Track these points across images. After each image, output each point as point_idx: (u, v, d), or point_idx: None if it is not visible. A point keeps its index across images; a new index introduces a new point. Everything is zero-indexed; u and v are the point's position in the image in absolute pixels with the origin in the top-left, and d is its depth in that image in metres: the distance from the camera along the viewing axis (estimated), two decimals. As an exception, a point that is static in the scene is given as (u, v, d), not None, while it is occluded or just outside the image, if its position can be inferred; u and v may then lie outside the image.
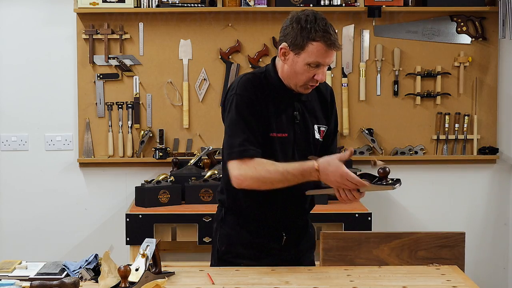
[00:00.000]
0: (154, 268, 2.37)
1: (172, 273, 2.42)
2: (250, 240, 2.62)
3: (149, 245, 2.35)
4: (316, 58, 2.44)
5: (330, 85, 4.44)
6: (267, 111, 2.52)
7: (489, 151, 4.48)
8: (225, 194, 2.63)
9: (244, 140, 2.45)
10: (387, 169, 2.39)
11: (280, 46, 2.50)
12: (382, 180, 2.39)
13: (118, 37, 4.38)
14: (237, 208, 2.63)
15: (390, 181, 2.39)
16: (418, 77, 4.44)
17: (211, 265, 2.69)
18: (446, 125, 4.47)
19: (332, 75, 4.45)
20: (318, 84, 2.54)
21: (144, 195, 4.03)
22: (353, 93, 4.47)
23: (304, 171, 2.40)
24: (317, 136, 2.62)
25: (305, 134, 2.59)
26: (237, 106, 2.48)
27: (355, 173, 2.40)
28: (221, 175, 2.74)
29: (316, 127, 2.62)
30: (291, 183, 2.43)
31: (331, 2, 4.36)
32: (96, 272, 2.39)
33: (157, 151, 4.37)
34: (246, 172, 2.43)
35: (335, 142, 2.73)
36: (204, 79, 4.42)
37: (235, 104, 2.49)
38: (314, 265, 2.76)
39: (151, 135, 4.42)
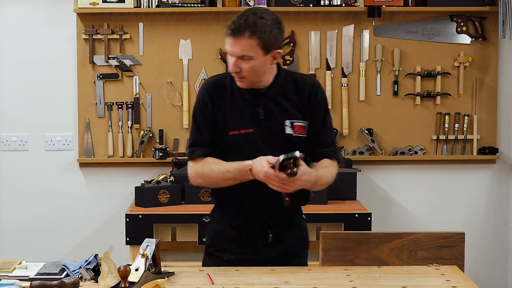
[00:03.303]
0: (154, 268, 2.37)
1: (172, 273, 2.42)
2: (234, 234, 2.66)
3: (149, 245, 2.35)
4: (226, 46, 2.52)
5: (330, 85, 4.48)
6: (226, 112, 2.60)
7: (489, 151, 4.48)
8: (212, 189, 2.73)
9: (193, 142, 2.64)
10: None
11: None
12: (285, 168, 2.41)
13: (118, 37, 4.38)
14: (223, 203, 2.70)
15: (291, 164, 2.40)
16: (418, 77, 4.44)
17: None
18: (446, 125, 4.47)
19: (332, 75, 4.45)
20: (239, 75, 2.54)
21: (144, 195, 4.03)
22: (353, 93, 4.47)
23: (241, 170, 2.51)
24: (288, 131, 2.60)
25: (272, 129, 2.60)
26: (194, 109, 2.68)
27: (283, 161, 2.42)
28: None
29: (288, 122, 2.60)
30: (233, 181, 2.54)
31: (331, 2, 4.36)
32: (96, 272, 2.39)
33: (157, 151, 4.37)
34: (196, 170, 2.61)
35: (326, 135, 2.68)
36: (204, 79, 4.42)
37: (194, 107, 2.68)
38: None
39: (151, 135, 4.42)
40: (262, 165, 2.44)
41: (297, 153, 2.40)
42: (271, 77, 2.61)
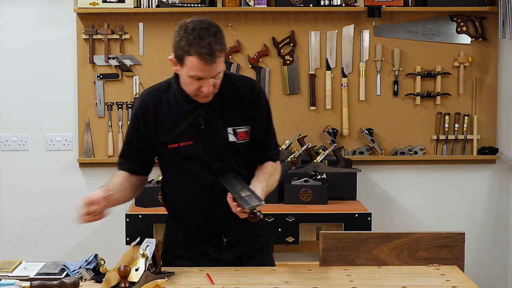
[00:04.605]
0: (154, 268, 2.37)
1: (172, 273, 2.42)
2: (186, 241, 2.63)
3: (149, 245, 2.35)
4: (195, 72, 2.39)
5: (330, 85, 4.48)
6: (164, 124, 2.55)
7: (489, 151, 4.48)
8: (162, 196, 2.76)
9: (121, 154, 2.68)
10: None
11: (169, 57, 2.50)
12: None
13: (118, 37, 4.38)
14: (173, 210, 2.69)
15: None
16: (418, 77, 4.44)
17: None
18: (446, 125, 4.47)
19: (332, 75, 4.45)
20: (209, 95, 2.45)
21: (144, 195, 4.03)
22: (353, 93, 4.47)
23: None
24: (232, 139, 2.55)
25: (215, 138, 2.54)
26: (129, 122, 2.67)
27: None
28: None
29: (231, 130, 2.55)
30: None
31: (331, 2, 4.36)
32: (96, 272, 2.39)
33: (157, 151, 4.37)
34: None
35: (270, 139, 2.65)
36: (204, 79, 4.42)
37: (129, 120, 2.72)
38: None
39: (151, 135, 4.42)
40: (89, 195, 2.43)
41: (263, 203, 2.35)
42: None
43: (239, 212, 2.36)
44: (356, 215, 3.91)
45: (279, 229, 3.85)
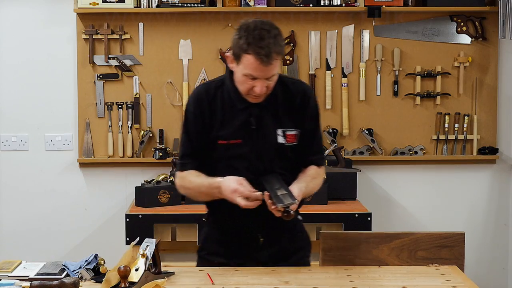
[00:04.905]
0: (154, 268, 2.37)
1: (172, 273, 2.42)
2: (223, 238, 2.65)
3: (149, 245, 2.35)
4: (250, 71, 2.42)
5: (330, 85, 4.49)
6: (216, 121, 2.56)
7: (489, 151, 4.48)
8: None
9: (184, 153, 2.63)
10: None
11: (226, 54, 2.52)
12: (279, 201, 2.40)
13: (118, 37, 4.38)
14: (212, 209, 2.69)
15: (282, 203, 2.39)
16: (418, 77, 4.44)
17: None
18: (446, 125, 4.47)
19: (332, 75, 4.45)
20: (260, 96, 2.48)
21: (144, 195, 4.03)
22: (353, 93, 4.47)
23: (211, 186, 2.50)
24: (280, 140, 2.57)
25: (264, 139, 2.57)
26: (185, 119, 2.63)
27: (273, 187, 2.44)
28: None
29: (280, 131, 2.58)
30: (207, 196, 2.58)
31: (331, 2, 4.36)
32: (96, 272, 2.39)
33: (157, 151, 4.37)
34: (180, 182, 2.64)
35: (316, 143, 2.68)
36: (204, 79, 4.42)
37: (184, 117, 2.65)
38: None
39: (151, 135, 4.42)
40: (229, 185, 2.43)
41: (296, 201, 2.39)
42: None
43: (274, 210, 2.40)
44: (356, 215, 3.91)
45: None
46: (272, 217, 2.44)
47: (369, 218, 3.91)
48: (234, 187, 2.42)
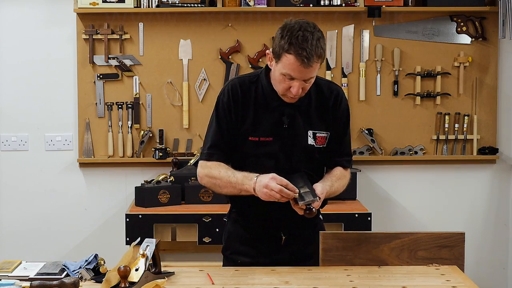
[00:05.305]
0: (154, 268, 2.37)
1: (172, 273, 2.42)
2: (247, 237, 2.67)
3: (149, 245, 2.35)
4: (289, 71, 2.43)
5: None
6: (249, 116, 2.56)
7: (489, 151, 4.48)
8: None
9: (213, 144, 2.58)
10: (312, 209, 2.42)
11: (266, 51, 2.54)
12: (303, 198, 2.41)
13: (118, 37, 4.38)
14: (237, 206, 2.69)
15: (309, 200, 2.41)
16: (418, 77, 4.44)
17: None
18: (446, 125, 4.47)
19: (332, 75, 4.45)
20: (296, 96, 2.49)
21: (144, 195, 4.03)
22: (353, 93, 4.47)
23: (244, 180, 2.47)
24: (310, 142, 2.59)
25: (295, 139, 2.58)
26: (217, 110, 2.59)
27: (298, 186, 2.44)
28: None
29: (311, 133, 2.59)
30: (235, 190, 2.51)
31: (331, 2, 4.36)
32: (96, 272, 2.39)
33: (157, 151, 4.37)
34: (205, 171, 2.57)
35: (344, 145, 2.69)
36: (204, 79, 4.43)
37: (216, 107, 2.60)
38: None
39: (151, 135, 4.42)
40: (265, 178, 2.42)
41: (317, 199, 2.41)
42: None
43: (296, 208, 2.42)
44: (356, 215, 3.92)
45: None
46: (296, 215, 2.47)
47: (369, 218, 3.91)
48: (266, 183, 2.40)
